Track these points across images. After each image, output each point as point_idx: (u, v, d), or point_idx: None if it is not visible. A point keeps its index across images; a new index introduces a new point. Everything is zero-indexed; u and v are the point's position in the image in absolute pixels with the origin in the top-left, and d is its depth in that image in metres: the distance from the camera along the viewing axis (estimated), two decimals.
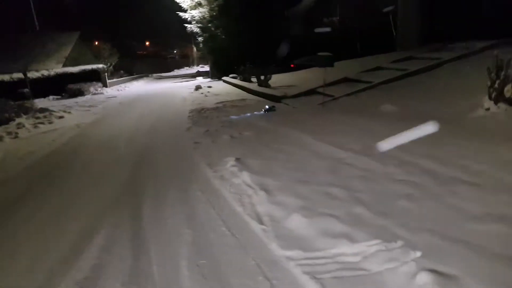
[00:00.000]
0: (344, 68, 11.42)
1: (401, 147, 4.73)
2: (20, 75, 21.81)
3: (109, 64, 31.28)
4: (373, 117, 6.61)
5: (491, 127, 5.11)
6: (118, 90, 23.95)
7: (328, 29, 18.06)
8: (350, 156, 4.71)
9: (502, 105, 5.54)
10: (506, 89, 5.51)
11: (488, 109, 5.63)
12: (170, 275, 2.73)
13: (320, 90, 9.85)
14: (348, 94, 8.93)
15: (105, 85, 25.00)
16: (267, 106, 8.99)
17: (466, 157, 4.11)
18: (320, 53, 8.48)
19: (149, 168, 5.58)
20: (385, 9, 14.91)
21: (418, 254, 2.50)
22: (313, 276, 2.47)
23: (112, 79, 28.99)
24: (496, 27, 10.31)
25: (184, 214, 3.76)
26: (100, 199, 4.48)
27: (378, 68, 10.78)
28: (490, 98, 5.67)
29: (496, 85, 5.55)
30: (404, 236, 2.74)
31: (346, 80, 10.48)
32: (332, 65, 8.42)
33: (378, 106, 7.28)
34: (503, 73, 5.49)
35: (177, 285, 2.61)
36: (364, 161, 4.46)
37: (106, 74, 26.18)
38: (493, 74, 5.59)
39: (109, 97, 18.95)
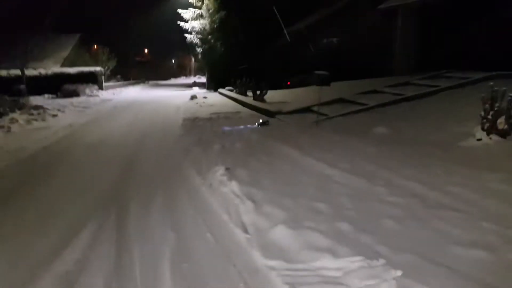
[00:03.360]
0: (340, 88, 11.55)
1: (390, 169, 4.77)
2: (18, 72, 21.90)
3: (106, 68, 31.30)
4: (365, 138, 6.67)
5: (481, 158, 5.14)
6: (113, 94, 23.96)
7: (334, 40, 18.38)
8: (338, 173, 4.73)
9: (494, 137, 5.58)
10: (499, 121, 5.57)
11: (480, 139, 5.67)
12: (153, 276, 2.71)
13: (315, 108, 9.93)
14: (342, 115, 9.01)
15: (101, 88, 24.99)
16: (260, 120, 9.03)
17: (454, 184, 4.14)
18: (317, 71, 8.58)
19: (138, 172, 5.56)
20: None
21: (399, 273, 2.51)
22: (293, 286, 2.46)
23: (109, 82, 29.06)
24: (490, 60, 10.58)
25: (170, 219, 3.74)
26: (87, 201, 4.44)
27: (374, 91, 10.92)
28: (483, 128, 5.70)
29: (489, 116, 5.61)
30: (386, 255, 2.74)
31: (341, 100, 10.58)
32: (328, 84, 8.51)
33: (371, 128, 7.34)
34: (497, 104, 5.56)
35: (159, 286, 2.58)
36: (353, 179, 4.48)
37: (103, 77, 26.22)
38: (487, 105, 5.65)
39: (104, 100, 18.94)
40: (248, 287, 2.51)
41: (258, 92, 13.55)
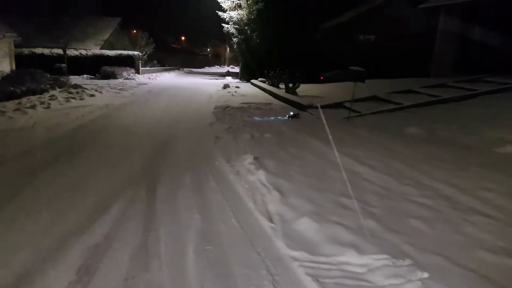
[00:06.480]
0: (374, 86, 11.34)
1: (421, 170, 4.67)
2: (60, 51, 22.74)
3: (144, 52, 31.98)
4: (397, 138, 6.54)
5: None
6: (149, 78, 24.45)
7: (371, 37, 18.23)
8: (368, 171, 4.68)
9: None
10: None
11: None
12: (177, 255, 2.78)
13: (347, 104, 9.80)
14: (375, 113, 8.86)
15: (137, 72, 25.60)
16: (291, 113, 9.00)
17: (486, 189, 4.03)
18: (352, 67, 8.45)
19: (168, 155, 5.67)
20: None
21: (426, 275, 2.47)
22: (316, 278, 2.47)
23: (145, 67, 29.71)
24: None
25: (197, 201, 3.81)
26: (118, 178, 4.57)
27: (409, 91, 10.66)
28: None
29: None
30: (412, 255, 2.70)
31: (375, 98, 10.40)
32: (363, 81, 8.36)
33: (404, 127, 7.19)
34: None
35: (183, 265, 2.64)
36: (382, 177, 4.42)
37: (140, 61, 26.80)
38: None
39: (140, 84, 19.36)
40: (270, 274, 2.53)
41: (290, 85, 13.50)
